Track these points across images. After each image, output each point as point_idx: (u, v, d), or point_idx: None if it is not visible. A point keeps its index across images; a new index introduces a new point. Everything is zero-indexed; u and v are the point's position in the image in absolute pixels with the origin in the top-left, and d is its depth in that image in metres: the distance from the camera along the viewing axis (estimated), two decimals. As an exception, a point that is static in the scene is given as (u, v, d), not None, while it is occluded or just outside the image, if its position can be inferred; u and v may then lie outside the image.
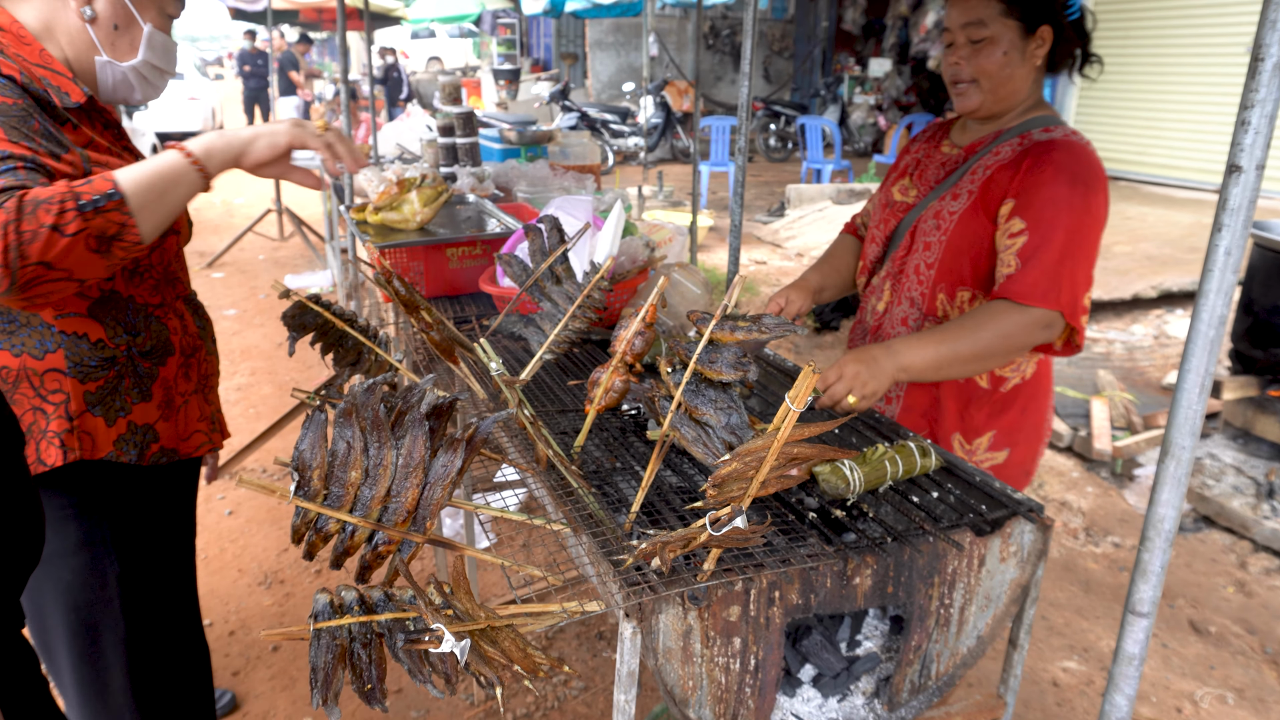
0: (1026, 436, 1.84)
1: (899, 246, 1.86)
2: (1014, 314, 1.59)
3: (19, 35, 1.38)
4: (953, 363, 1.61)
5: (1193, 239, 6.48)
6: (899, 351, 1.58)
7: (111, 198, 1.23)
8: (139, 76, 1.51)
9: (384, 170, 3.25)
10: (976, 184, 1.72)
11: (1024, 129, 1.73)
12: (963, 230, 1.72)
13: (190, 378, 1.60)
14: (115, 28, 1.46)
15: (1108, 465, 4.03)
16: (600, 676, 2.67)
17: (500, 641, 0.89)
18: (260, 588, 3.14)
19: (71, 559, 1.47)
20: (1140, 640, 1.04)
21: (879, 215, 1.96)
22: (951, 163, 1.83)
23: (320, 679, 0.85)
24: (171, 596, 1.67)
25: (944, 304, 1.78)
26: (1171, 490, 0.96)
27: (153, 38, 1.50)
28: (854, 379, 1.54)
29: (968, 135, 1.84)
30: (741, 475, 0.93)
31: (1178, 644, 2.90)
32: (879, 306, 1.91)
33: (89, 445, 1.43)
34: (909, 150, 1.99)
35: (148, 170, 1.29)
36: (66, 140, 1.33)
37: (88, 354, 1.42)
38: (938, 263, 1.77)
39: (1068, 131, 1.69)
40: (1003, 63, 1.68)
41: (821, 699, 1.33)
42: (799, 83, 16.67)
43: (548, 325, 1.61)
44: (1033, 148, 1.67)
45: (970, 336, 1.60)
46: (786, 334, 1.12)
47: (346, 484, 1.00)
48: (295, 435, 4.17)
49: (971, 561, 1.31)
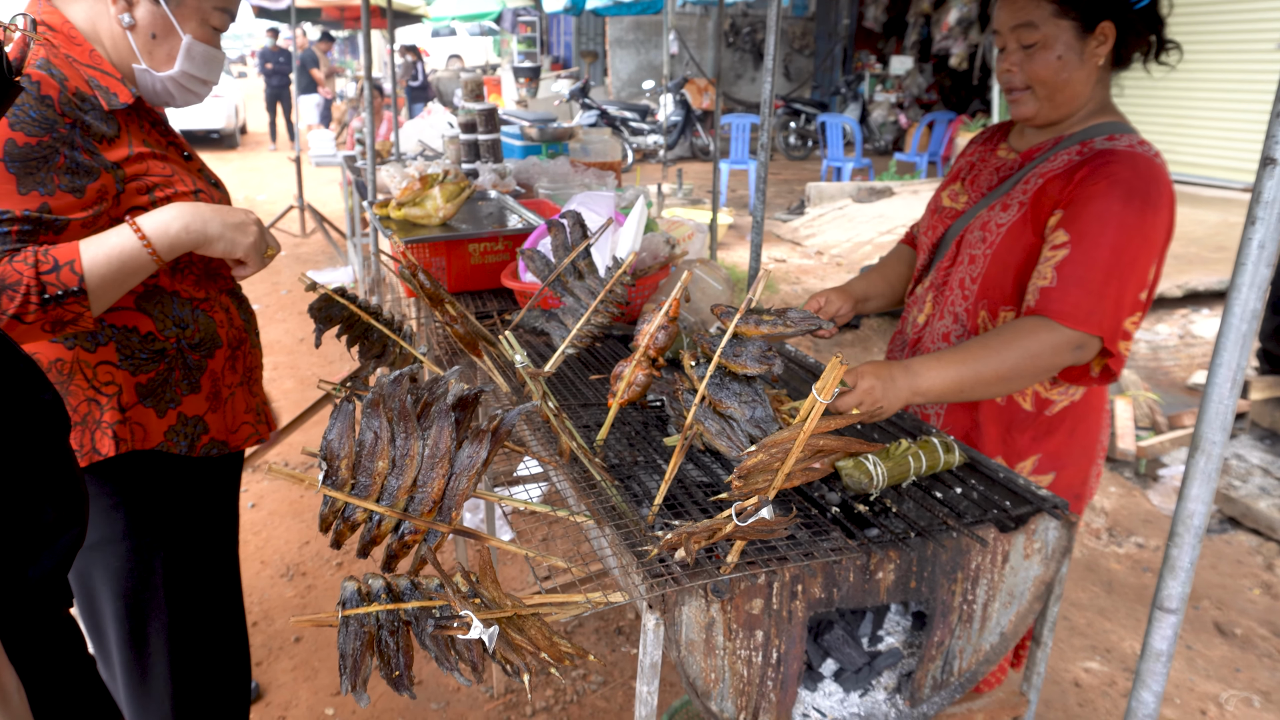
0: (1075, 459, 1.72)
1: (944, 256, 1.76)
2: (1044, 333, 1.47)
3: (70, 36, 1.39)
4: (975, 385, 1.49)
5: (1219, 238, 6.40)
6: (917, 372, 1.46)
7: (74, 294, 1.25)
8: (178, 86, 1.50)
9: (406, 167, 3.27)
10: (1029, 195, 1.60)
11: (1086, 135, 1.60)
12: (1009, 245, 1.61)
13: (236, 370, 1.62)
14: (153, 37, 1.44)
15: (1131, 465, 3.99)
16: (619, 671, 2.67)
17: (527, 630, 0.89)
18: (282, 580, 3.17)
19: (120, 546, 1.49)
20: (1168, 637, 1.04)
21: (927, 221, 1.85)
22: (1006, 168, 1.71)
23: (349, 665, 0.86)
24: (216, 587, 1.69)
25: (985, 322, 1.67)
26: (1202, 485, 0.95)
27: (192, 49, 1.47)
28: (866, 394, 1.42)
29: (1026, 140, 1.72)
30: (767, 467, 0.93)
31: (1202, 645, 2.87)
32: (919, 319, 1.81)
33: (140, 436, 1.46)
34: (966, 153, 1.88)
35: (112, 262, 1.29)
36: (99, 162, 1.33)
37: (138, 346, 1.45)
38: (981, 277, 1.65)
39: (1134, 140, 1.56)
40: (1057, 67, 1.55)
41: (843, 694, 1.32)
42: (819, 80, 16.60)
43: (570, 320, 1.62)
44: (1092, 158, 1.53)
45: (995, 357, 1.48)
46: (812, 329, 1.12)
47: (374, 474, 1.01)
48: (318, 428, 4.20)
49: (995, 557, 1.30)
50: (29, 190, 1.24)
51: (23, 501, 0.76)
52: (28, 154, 1.24)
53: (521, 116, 5.06)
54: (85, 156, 1.31)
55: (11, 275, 1.21)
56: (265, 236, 1.48)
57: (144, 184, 1.40)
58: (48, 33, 1.35)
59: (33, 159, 1.24)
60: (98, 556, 1.48)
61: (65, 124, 1.29)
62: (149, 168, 1.41)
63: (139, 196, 1.40)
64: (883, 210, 8.37)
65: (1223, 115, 8.22)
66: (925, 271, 1.85)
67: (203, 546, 1.63)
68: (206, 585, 1.65)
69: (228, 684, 1.74)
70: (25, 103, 1.24)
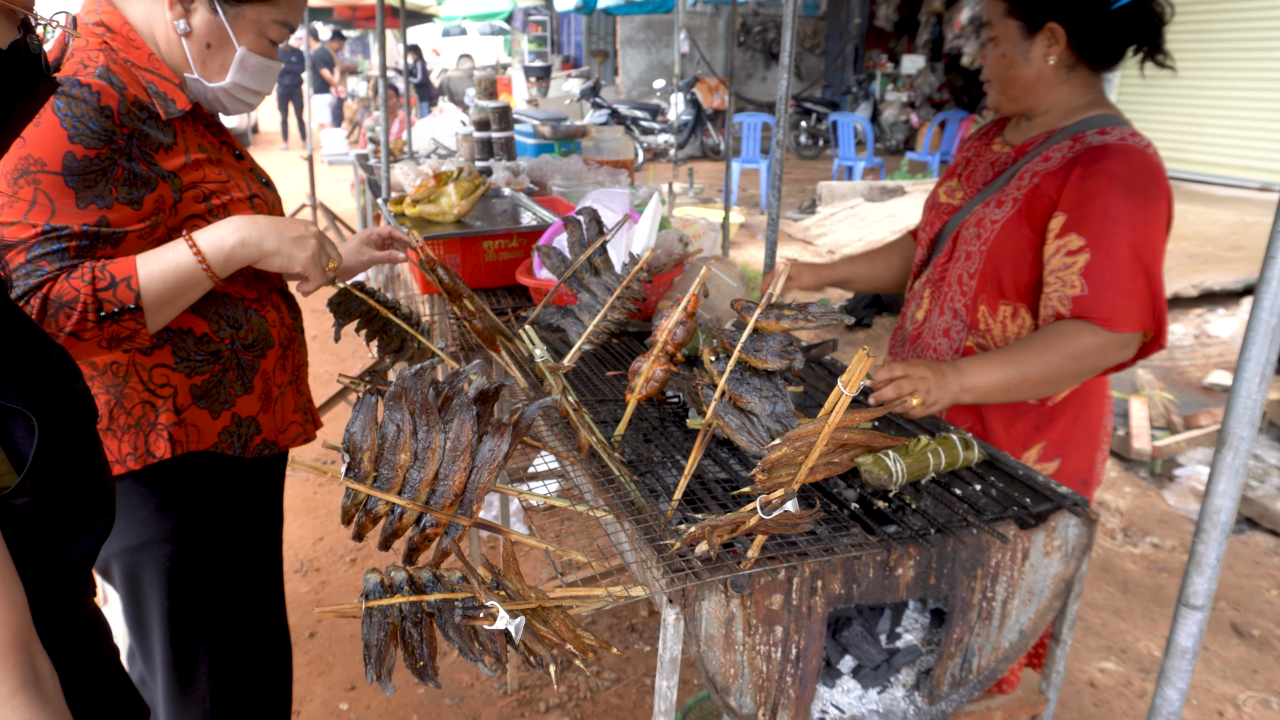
0: (1079, 445, 1.74)
1: (941, 252, 1.79)
2: (1088, 336, 1.50)
3: (129, 39, 1.36)
4: (1020, 386, 1.54)
5: (1235, 237, 6.35)
6: (966, 372, 1.52)
7: (130, 310, 1.26)
8: (229, 96, 1.46)
9: (420, 164, 3.28)
10: (1022, 192, 1.63)
11: (1078, 129, 1.63)
12: (1004, 241, 1.64)
13: (286, 369, 1.61)
14: (208, 46, 1.40)
15: (1146, 465, 3.97)
16: (632, 668, 2.68)
17: (551, 621, 0.89)
18: (297, 575, 3.18)
19: (168, 546, 1.48)
20: (1194, 634, 1.03)
21: (925, 217, 1.88)
22: (1001, 163, 1.74)
23: (374, 655, 0.86)
24: (260, 588, 1.67)
25: (985, 317, 1.70)
26: (1229, 481, 0.95)
27: (246, 60, 1.43)
28: (921, 382, 1.47)
29: (1020, 134, 1.75)
30: (791, 460, 0.93)
31: (1219, 646, 2.85)
32: (918, 315, 1.83)
33: (195, 437, 1.45)
34: (963, 149, 1.91)
35: (168, 278, 1.29)
36: (156, 172, 1.32)
37: (193, 349, 1.44)
38: (979, 273, 1.69)
39: (1125, 133, 1.58)
40: (1004, 64, 1.65)
41: (861, 690, 1.32)
42: (830, 79, 16.56)
43: (586, 316, 1.62)
44: (1083, 155, 1.56)
45: (1039, 359, 1.52)
46: (832, 323, 1.12)
47: (396, 466, 1.01)
48: (333, 424, 4.22)
49: (1015, 555, 1.30)
50: (87, 204, 1.23)
51: (59, 491, 0.76)
52: (86, 167, 1.23)
53: (533, 115, 5.06)
54: (143, 167, 1.29)
55: (69, 293, 1.22)
56: (326, 248, 1.44)
57: (201, 191, 1.39)
58: (107, 35, 1.33)
59: (91, 172, 1.23)
60: (148, 557, 1.47)
61: (123, 135, 1.27)
62: (205, 174, 1.40)
63: (196, 204, 1.39)
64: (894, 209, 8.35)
65: (1238, 114, 8.17)
66: (923, 267, 1.86)
67: (250, 547, 1.62)
68: (252, 586, 1.64)
69: (269, 687, 1.73)
70: (85, 114, 1.22)
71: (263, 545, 1.68)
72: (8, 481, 0.73)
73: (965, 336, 1.73)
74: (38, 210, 1.21)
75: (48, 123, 1.20)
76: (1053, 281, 1.56)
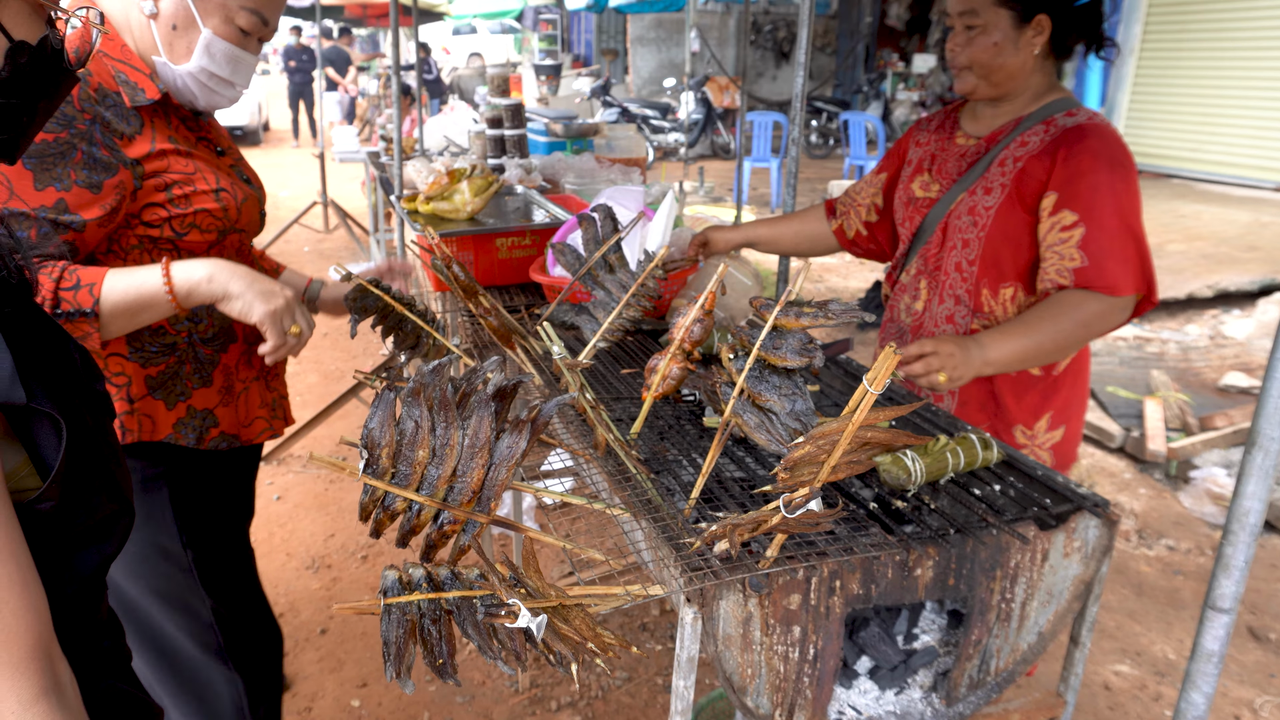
0: (1075, 410, 1.86)
1: (928, 243, 1.86)
2: (1094, 302, 1.62)
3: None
4: (1036, 355, 1.63)
5: (1250, 238, 6.31)
6: (986, 345, 1.59)
7: (86, 315, 1.26)
8: (198, 83, 1.43)
9: (433, 162, 3.28)
10: (1009, 176, 1.72)
11: (1045, 114, 1.73)
12: (1001, 225, 1.73)
13: (252, 365, 1.62)
14: (174, 28, 1.39)
15: (1161, 467, 3.94)
16: (644, 667, 2.67)
17: (571, 620, 0.89)
18: (308, 572, 3.19)
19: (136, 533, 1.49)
20: (1221, 637, 1.02)
21: (902, 213, 1.96)
22: (971, 154, 1.82)
23: (393, 653, 0.86)
24: (230, 579, 1.69)
25: (988, 300, 1.79)
26: (1258, 482, 0.93)
27: (211, 44, 1.41)
28: (949, 358, 1.54)
29: (982, 124, 1.84)
30: (814, 459, 0.92)
31: (1236, 650, 2.82)
32: (916, 306, 1.90)
33: (149, 427, 1.46)
34: (917, 143, 1.98)
35: (130, 293, 1.29)
36: (118, 159, 1.32)
37: (148, 340, 1.45)
38: (979, 259, 1.77)
39: (1091, 114, 1.71)
40: (993, 51, 1.71)
41: (878, 691, 1.31)
42: (841, 79, 16.51)
43: (601, 314, 1.61)
44: (1063, 136, 1.67)
45: (1052, 327, 1.61)
46: (852, 320, 1.11)
47: (414, 463, 1.00)
48: (343, 421, 4.23)
49: (1035, 556, 1.28)
50: (45, 186, 1.24)
51: (83, 495, 0.76)
52: (44, 150, 1.24)
53: (544, 114, 5.06)
54: (104, 153, 1.30)
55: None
56: (293, 313, 1.40)
57: (163, 181, 1.39)
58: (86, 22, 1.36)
59: (49, 154, 1.24)
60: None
61: (84, 119, 1.28)
62: (169, 164, 1.40)
63: (156, 194, 1.39)
64: (906, 209, 8.30)
65: (1254, 114, 8.10)
66: (906, 258, 1.94)
67: (213, 536, 1.63)
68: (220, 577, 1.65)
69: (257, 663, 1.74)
70: None
71: (228, 536, 1.68)
72: (31, 484, 0.72)
73: (970, 320, 1.81)
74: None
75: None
76: (1050, 256, 1.66)
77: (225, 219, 1.48)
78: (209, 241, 1.47)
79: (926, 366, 1.54)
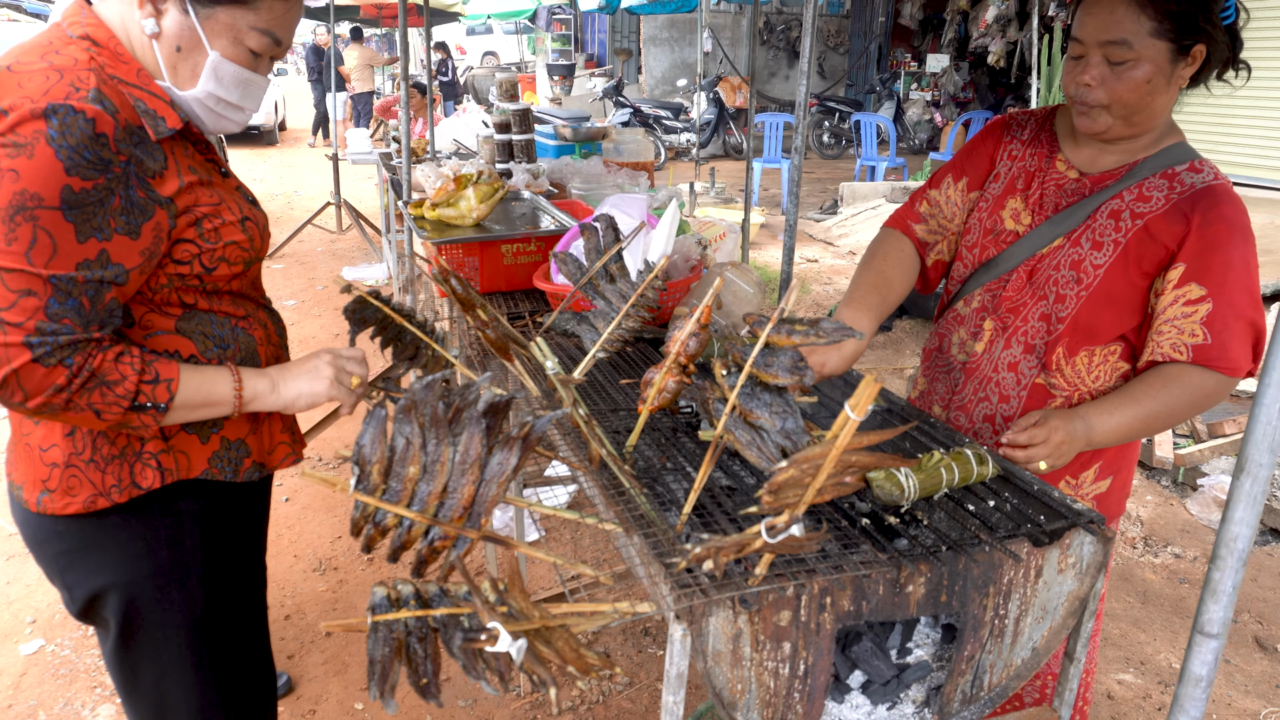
0: (1127, 461, 1.76)
1: (1002, 280, 1.70)
2: (1211, 382, 1.51)
3: (116, 53, 1.26)
4: (1141, 430, 1.55)
5: (1265, 241, 6.25)
6: (1093, 425, 1.52)
7: (158, 409, 1.26)
8: (204, 109, 1.34)
9: (441, 166, 3.29)
10: (1125, 235, 1.56)
11: (1164, 163, 1.57)
12: (1108, 287, 1.57)
13: None
14: (178, 50, 1.28)
15: (1169, 474, 3.91)
16: (645, 672, 2.68)
17: (554, 642, 0.89)
18: (315, 574, 3.21)
19: (159, 579, 1.43)
20: (1209, 662, 1.01)
21: (978, 239, 1.75)
22: (1073, 191, 1.64)
23: (378, 672, 0.87)
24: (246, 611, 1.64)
25: (1060, 358, 1.64)
26: (1247, 508, 0.93)
27: (219, 68, 1.30)
28: (1058, 448, 1.48)
29: (1086, 156, 1.65)
30: (798, 482, 0.92)
31: (1242, 660, 2.80)
32: (975, 346, 1.74)
33: (185, 465, 1.39)
34: (1010, 155, 1.75)
35: (200, 394, 1.31)
36: (153, 198, 1.25)
37: None
38: (1071, 317, 1.61)
39: (1215, 171, 1.57)
40: (1144, 90, 1.49)
41: (870, 706, 1.31)
42: (854, 79, 16.46)
43: (601, 323, 1.62)
44: (1195, 200, 1.51)
45: (1161, 405, 1.53)
46: (844, 339, 1.11)
47: (405, 479, 1.02)
48: (352, 424, 4.25)
49: (1028, 572, 1.28)
50: (87, 238, 1.17)
51: None
52: (84, 199, 1.16)
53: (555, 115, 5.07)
54: (140, 194, 1.23)
55: (114, 374, 1.20)
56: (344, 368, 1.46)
57: (193, 216, 1.32)
58: (94, 50, 1.24)
59: (89, 204, 1.16)
60: (141, 592, 1.43)
61: (120, 162, 1.19)
62: (198, 198, 1.32)
63: (188, 229, 1.31)
64: (917, 210, 8.27)
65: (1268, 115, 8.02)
66: (963, 286, 1.78)
67: (240, 573, 1.58)
68: (241, 613, 1.61)
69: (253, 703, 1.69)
70: (81, 143, 1.14)
71: (250, 570, 1.63)
72: None
73: (1037, 373, 1.67)
74: (38, 250, 1.13)
75: (42, 154, 1.12)
76: (1167, 330, 1.53)
77: (251, 249, 1.42)
78: (234, 274, 1.41)
79: (1029, 458, 1.48)
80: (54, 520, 1.36)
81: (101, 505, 1.34)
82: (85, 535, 1.38)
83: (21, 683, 2.61)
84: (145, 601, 1.43)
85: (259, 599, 1.71)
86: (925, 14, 14.79)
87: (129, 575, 1.41)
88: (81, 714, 2.51)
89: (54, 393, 1.16)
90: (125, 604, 1.43)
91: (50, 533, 1.38)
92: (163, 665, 1.49)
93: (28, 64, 1.18)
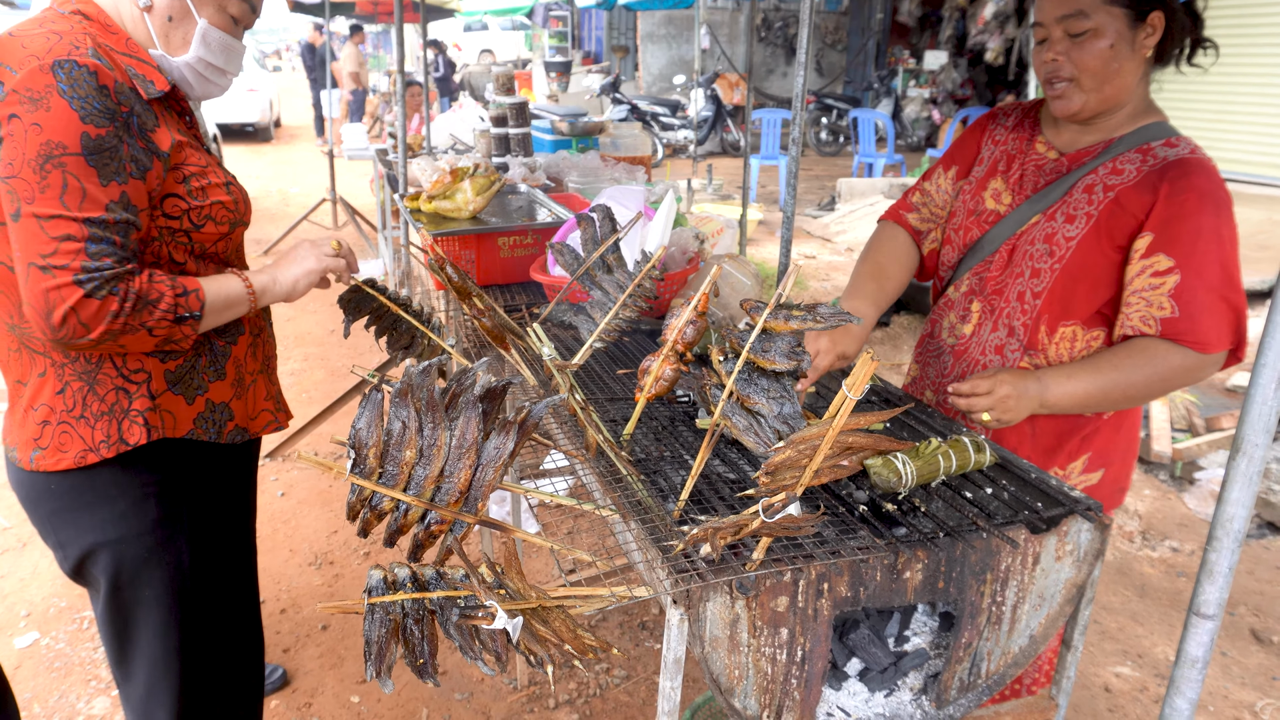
0: (1121, 454, 1.74)
1: (987, 261, 1.71)
2: (1177, 357, 1.48)
3: (106, 24, 1.39)
4: (1101, 401, 1.53)
5: (1262, 236, 6.26)
6: (1048, 385, 1.51)
7: (195, 318, 1.38)
8: (195, 74, 1.49)
9: (437, 160, 3.29)
10: (1097, 206, 1.56)
11: (1141, 139, 1.57)
12: (1081, 259, 1.57)
13: (257, 357, 1.64)
14: (169, 20, 1.43)
15: (1166, 468, 3.92)
16: (642, 665, 2.67)
17: (551, 621, 0.89)
18: (311, 568, 3.21)
19: (148, 537, 1.49)
20: (1204, 643, 1.01)
21: (961, 220, 1.77)
22: (1051, 170, 1.66)
23: (374, 652, 0.87)
24: (234, 575, 1.70)
25: (1044, 336, 1.64)
26: (1242, 489, 0.93)
27: (208, 34, 1.46)
28: (1002, 401, 1.47)
29: (1067, 138, 1.66)
30: (795, 463, 0.92)
31: (1238, 653, 2.81)
32: (964, 329, 1.75)
33: (170, 423, 1.47)
34: (994, 139, 1.78)
35: (222, 296, 1.44)
36: (152, 149, 1.36)
37: None
38: (1046, 292, 1.61)
39: (1191, 146, 1.55)
40: (1108, 57, 1.51)
41: (868, 693, 1.31)
42: (851, 75, 16.46)
43: (598, 314, 1.61)
44: (1166, 170, 1.51)
45: (1124, 376, 1.50)
46: (841, 324, 1.11)
47: (401, 463, 1.01)
48: (348, 418, 4.24)
49: (1025, 559, 1.28)
50: (109, 181, 1.28)
51: None
52: (101, 144, 1.27)
53: (552, 111, 5.06)
54: (140, 144, 1.34)
55: (154, 292, 1.32)
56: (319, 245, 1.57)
57: (181, 173, 1.42)
58: (85, 22, 1.36)
59: (106, 149, 1.27)
60: (130, 550, 1.48)
61: (123, 112, 1.31)
62: (187, 156, 1.43)
63: (177, 185, 1.41)
64: (915, 207, 8.27)
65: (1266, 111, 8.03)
66: (954, 271, 1.79)
67: (226, 535, 1.65)
68: (229, 573, 1.66)
69: (241, 668, 1.75)
70: (89, 94, 1.25)
71: (238, 531, 1.71)
72: None
73: (1021, 356, 1.67)
74: (70, 194, 1.24)
75: (58, 106, 1.23)
76: (1135, 302, 1.52)
77: (236, 211, 1.52)
78: (221, 233, 1.50)
79: (970, 406, 1.49)
80: (47, 477, 1.43)
81: (91, 460, 1.40)
82: (77, 492, 1.44)
83: (16, 676, 2.61)
84: (134, 559, 1.49)
85: (248, 565, 1.77)
86: (923, 10, 14.79)
87: (119, 533, 1.47)
88: (77, 706, 2.50)
89: (112, 319, 1.27)
90: (115, 562, 1.49)
91: (44, 490, 1.44)
92: (152, 623, 1.54)
93: (27, 30, 1.31)
